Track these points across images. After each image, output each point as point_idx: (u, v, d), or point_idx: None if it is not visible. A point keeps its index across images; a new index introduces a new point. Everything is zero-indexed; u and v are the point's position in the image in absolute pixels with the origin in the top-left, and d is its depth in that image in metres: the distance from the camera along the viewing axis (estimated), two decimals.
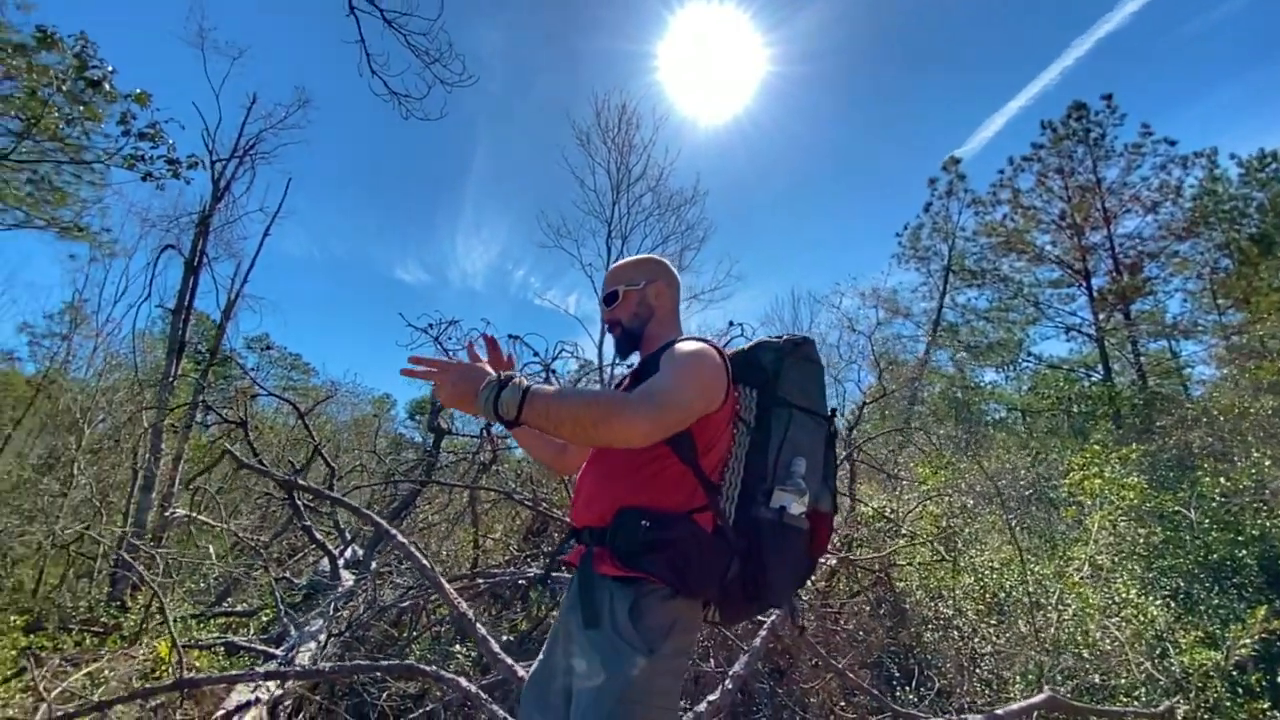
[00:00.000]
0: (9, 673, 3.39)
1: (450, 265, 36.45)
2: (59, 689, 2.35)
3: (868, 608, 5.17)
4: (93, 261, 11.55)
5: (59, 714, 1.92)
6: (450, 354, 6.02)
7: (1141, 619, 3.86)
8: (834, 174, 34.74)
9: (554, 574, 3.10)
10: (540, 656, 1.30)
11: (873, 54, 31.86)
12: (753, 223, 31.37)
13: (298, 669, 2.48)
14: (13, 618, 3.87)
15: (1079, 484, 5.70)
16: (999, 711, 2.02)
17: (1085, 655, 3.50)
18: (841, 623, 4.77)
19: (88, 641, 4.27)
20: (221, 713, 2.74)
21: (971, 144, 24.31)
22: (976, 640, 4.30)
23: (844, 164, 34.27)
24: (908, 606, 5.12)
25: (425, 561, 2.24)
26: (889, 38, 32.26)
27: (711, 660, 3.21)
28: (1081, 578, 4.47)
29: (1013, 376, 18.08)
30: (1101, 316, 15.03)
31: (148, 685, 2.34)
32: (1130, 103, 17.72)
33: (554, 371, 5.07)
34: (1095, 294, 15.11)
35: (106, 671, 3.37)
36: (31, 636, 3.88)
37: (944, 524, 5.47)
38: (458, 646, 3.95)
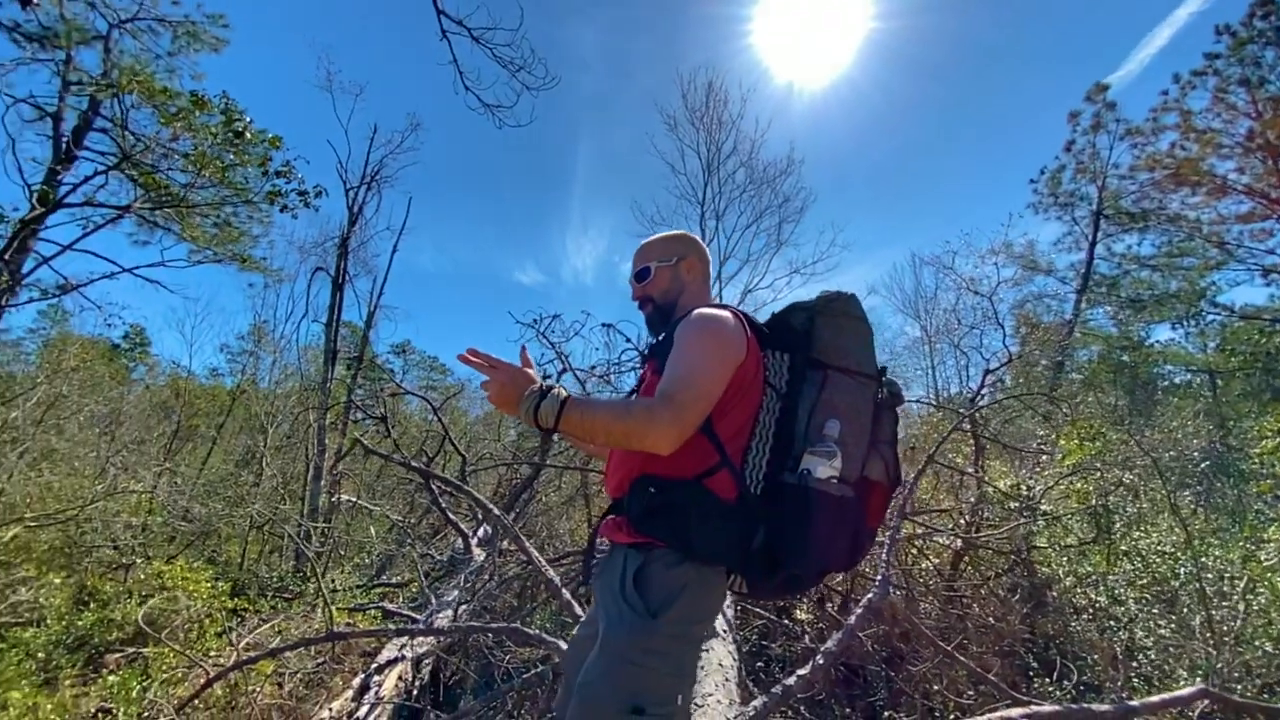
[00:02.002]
0: (220, 629, 4.16)
1: (562, 264, 38.10)
2: (247, 639, 2.89)
3: (1001, 593, 4.78)
4: (266, 287, 13.60)
5: (245, 659, 2.37)
6: (555, 345, 6.36)
7: None
8: (950, 129, 31.53)
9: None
10: (584, 617, 1.37)
11: None
12: (860, 188, 29.43)
13: (422, 627, 2.81)
14: (220, 585, 4.74)
15: (1272, 453, 4.79)
16: (1134, 703, 1.80)
17: (1270, 649, 2.99)
18: (975, 608, 4.45)
19: (279, 605, 5.10)
20: (375, 665, 3.20)
21: (1124, 70, 20.77)
22: (1136, 631, 3.83)
23: (961, 118, 30.95)
24: (1054, 593, 4.65)
25: (516, 532, 2.44)
26: None
27: (806, 636, 3.15)
28: (1275, 562, 3.79)
29: (1194, 332, 15.39)
30: None
31: (306, 637, 2.77)
32: None
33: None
34: None
35: (292, 629, 4.03)
36: (236, 600, 4.73)
37: (1095, 503, 4.88)
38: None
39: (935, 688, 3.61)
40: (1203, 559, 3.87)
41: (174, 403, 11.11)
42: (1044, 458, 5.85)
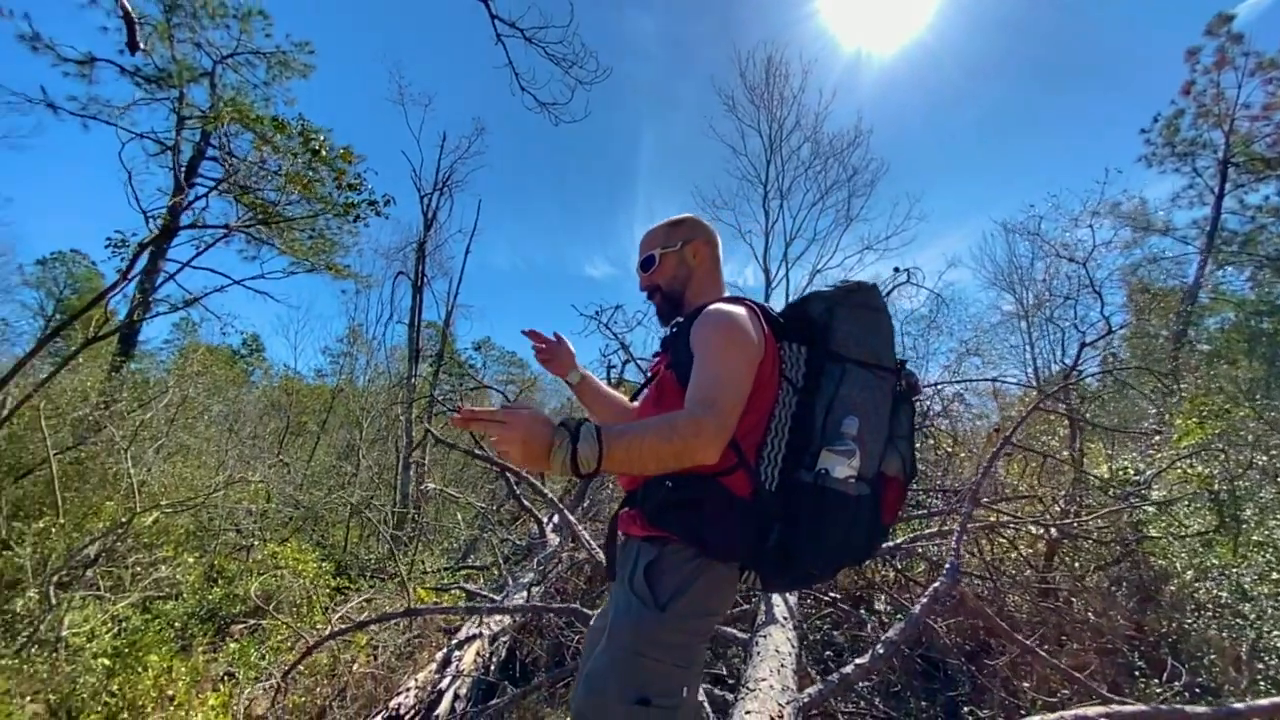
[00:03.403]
0: (325, 604, 4.59)
1: (630, 256, 37.98)
2: (339, 613, 3.19)
3: (1106, 586, 4.41)
4: (358, 293, 14.67)
5: (335, 631, 2.61)
6: (619, 336, 6.44)
7: None
8: (1039, 86, 28.67)
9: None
10: (602, 608, 1.39)
11: None
12: (938, 156, 27.54)
13: (488, 605, 2.98)
14: (325, 565, 5.22)
15: None
16: (1239, 705, 1.61)
17: None
18: (1074, 602, 4.15)
19: (376, 584, 5.54)
20: (455, 641, 3.42)
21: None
22: (1267, 629, 3.43)
23: (1051, 71, 28.05)
24: (1171, 588, 4.24)
25: (570, 517, 2.52)
26: None
27: (869, 625, 3.05)
28: None
29: None
30: None
31: (387, 612, 3.00)
32: None
33: None
34: None
35: (386, 605, 4.39)
36: (339, 579, 5.19)
37: (1219, 489, 4.40)
38: None
39: (1025, 684, 3.41)
40: None
41: (285, 401, 12.24)
42: (1156, 438, 5.32)
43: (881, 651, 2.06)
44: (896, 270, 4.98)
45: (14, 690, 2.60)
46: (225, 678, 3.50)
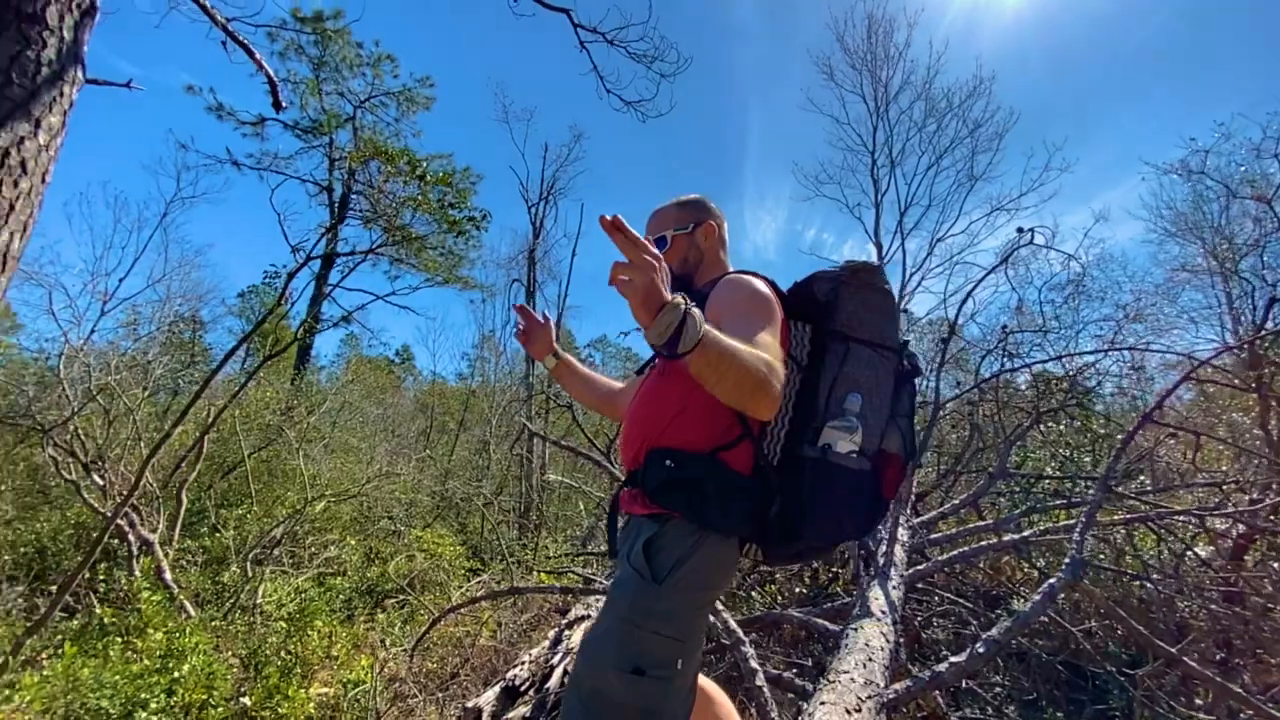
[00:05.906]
0: (460, 584, 5.12)
1: (742, 239, 37.53)
2: (460, 590, 3.55)
3: None
4: (484, 302, 15.94)
5: (450, 607, 2.93)
6: None
7: None
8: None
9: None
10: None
11: None
12: (1091, 101, 23.74)
13: (580, 587, 3.15)
14: (461, 549, 5.80)
15: None
16: None
17: None
18: (1274, 608, 3.50)
19: (507, 567, 6.05)
20: (565, 621, 3.68)
21: None
22: None
23: None
24: None
25: None
26: None
27: (975, 623, 2.79)
28: None
29: None
30: None
31: (494, 590, 3.29)
32: None
33: None
34: None
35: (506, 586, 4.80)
36: (471, 561, 5.74)
37: None
38: (754, 593, 4.32)
39: (1198, 700, 2.95)
40: None
41: (430, 403, 13.66)
42: None
43: (981, 650, 1.90)
44: (1020, 231, 4.49)
45: (220, 646, 3.24)
46: (381, 643, 4.04)
